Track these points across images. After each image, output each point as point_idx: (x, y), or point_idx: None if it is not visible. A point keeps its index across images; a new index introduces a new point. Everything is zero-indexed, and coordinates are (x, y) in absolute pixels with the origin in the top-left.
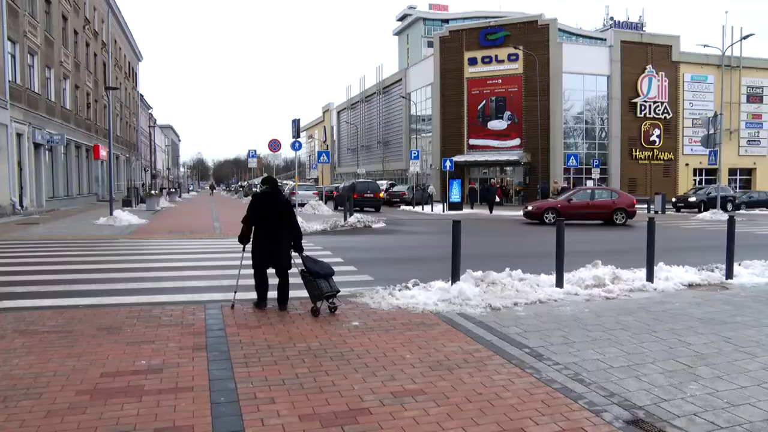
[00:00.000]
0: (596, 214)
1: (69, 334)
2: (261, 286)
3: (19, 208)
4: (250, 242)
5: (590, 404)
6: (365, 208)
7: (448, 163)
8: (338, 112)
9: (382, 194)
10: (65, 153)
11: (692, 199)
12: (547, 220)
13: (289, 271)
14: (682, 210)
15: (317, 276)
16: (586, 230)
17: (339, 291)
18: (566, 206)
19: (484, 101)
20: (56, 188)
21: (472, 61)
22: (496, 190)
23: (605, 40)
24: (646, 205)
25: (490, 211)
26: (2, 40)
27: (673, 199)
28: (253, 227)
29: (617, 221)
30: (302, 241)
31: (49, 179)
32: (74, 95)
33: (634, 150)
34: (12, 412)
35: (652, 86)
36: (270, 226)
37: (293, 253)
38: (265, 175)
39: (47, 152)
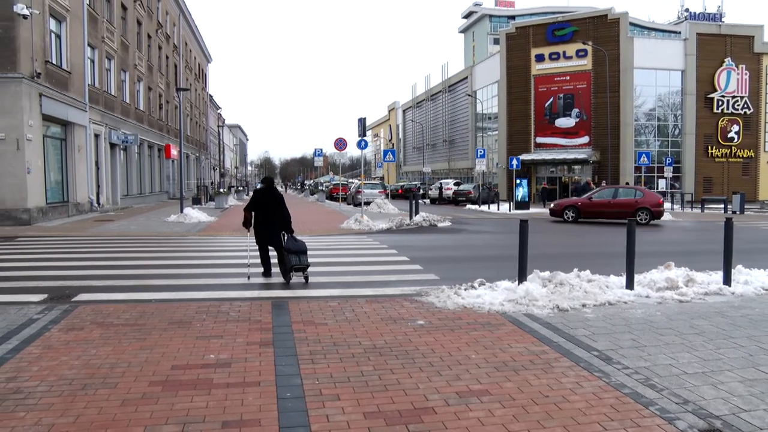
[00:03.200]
0: (618, 213)
1: (142, 327)
2: (264, 261)
3: (96, 205)
4: (252, 226)
5: (662, 411)
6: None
7: (514, 162)
8: (404, 111)
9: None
10: (138, 152)
11: None
12: (566, 218)
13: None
14: None
15: (290, 252)
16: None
17: (308, 265)
18: (587, 204)
19: (551, 98)
20: (130, 186)
21: (539, 58)
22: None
23: (679, 33)
24: (722, 205)
25: None
26: (83, 46)
27: None
28: (254, 215)
29: (640, 221)
30: (291, 224)
31: (123, 178)
32: (147, 97)
33: (710, 147)
34: (91, 399)
35: (730, 80)
36: (266, 213)
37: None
38: (265, 175)
39: (122, 152)
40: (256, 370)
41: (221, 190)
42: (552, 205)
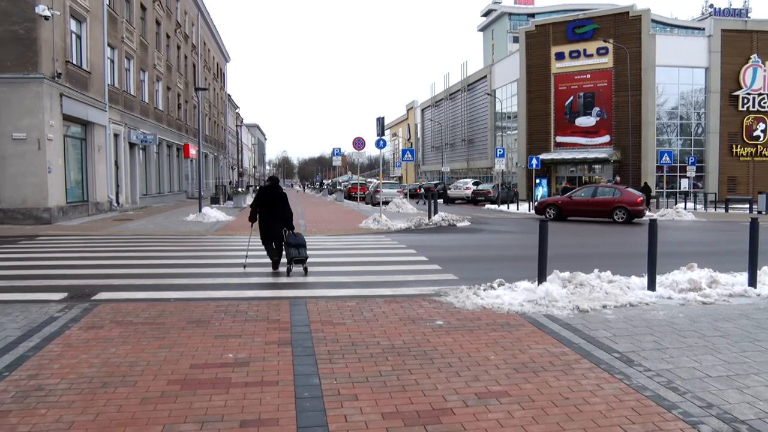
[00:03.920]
0: (596, 212)
1: (161, 326)
2: (271, 255)
3: (116, 204)
4: (257, 221)
5: (685, 414)
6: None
7: (534, 161)
8: (422, 110)
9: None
10: (157, 152)
11: None
12: (547, 216)
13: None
14: None
15: (290, 246)
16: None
17: (307, 257)
18: (567, 203)
19: (571, 97)
20: (149, 186)
21: (560, 56)
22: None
23: (703, 29)
24: (747, 205)
25: None
26: (103, 46)
27: None
28: (259, 211)
29: (617, 219)
30: (293, 222)
31: (142, 177)
32: (166, 96)
33: (734, 146)
34: (110, 397)
35: (756, 77)
36: (270, 210)
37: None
38: (270, 174)
39: (141, 151)
40: (275, 370)
41: (239, 189)
42: (536, 204)
